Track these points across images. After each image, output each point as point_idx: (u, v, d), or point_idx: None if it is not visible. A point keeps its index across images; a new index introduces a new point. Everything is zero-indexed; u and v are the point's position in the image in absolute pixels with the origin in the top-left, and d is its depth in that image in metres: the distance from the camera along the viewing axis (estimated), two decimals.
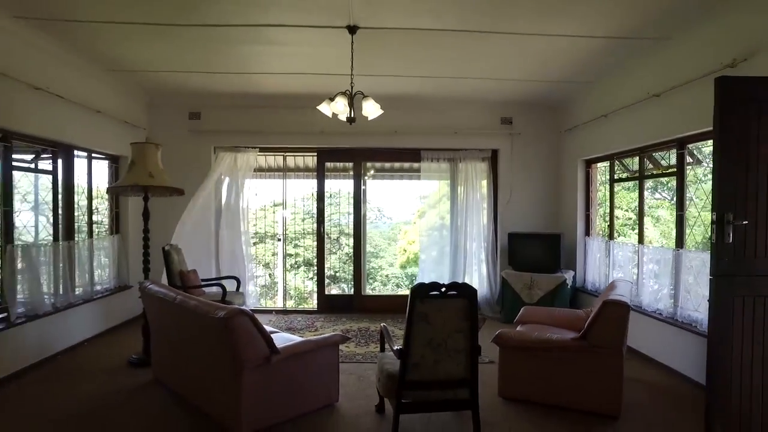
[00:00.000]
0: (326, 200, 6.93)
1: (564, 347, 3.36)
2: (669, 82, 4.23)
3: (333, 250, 7.33)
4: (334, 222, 7.12)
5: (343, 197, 6.99)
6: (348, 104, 4.08)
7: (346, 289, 7.10)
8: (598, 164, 5.97)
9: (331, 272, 7.34)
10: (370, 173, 7.10)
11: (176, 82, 5.67)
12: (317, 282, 6.91)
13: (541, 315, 4.23)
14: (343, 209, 7.01)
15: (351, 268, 6.93)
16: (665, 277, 4.48)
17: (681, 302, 4.28)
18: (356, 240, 6.85)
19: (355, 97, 4.11)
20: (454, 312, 2.79)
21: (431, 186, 6.94)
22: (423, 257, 6.81)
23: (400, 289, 8.84)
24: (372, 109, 4.13)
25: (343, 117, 4.14)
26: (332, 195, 7.02)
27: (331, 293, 7.08)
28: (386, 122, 5.31)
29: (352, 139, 6.33)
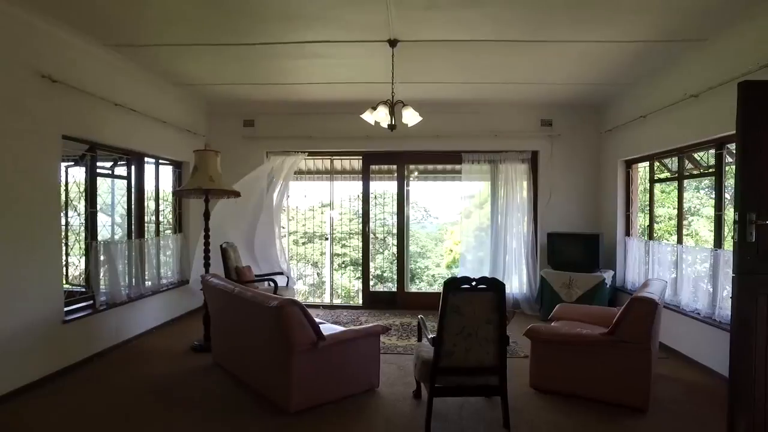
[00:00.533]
0: (373, 201, 7.27)
1: (592, 342, 3.51)
2: (706, 83, 4.26)
3: (380, 250, 7.62)
4: (381, 222, 7.41)
5: (390, 198, 7.30)
6: (389, 113, 4.38)
7: (393, 288, 7.39)
8: (639, 164, 5.98)
9: (378, 272, 7.63)
10: (414, 175, 7.38)
11: (232, 93, 6.19)
12: (362, 279, 7.26)
13: (576, 312, 4.36)
14: (390, 210, 7.31)
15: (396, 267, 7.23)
16: (703, 277, 4.50)
17: (719, 302, 4.29)
18: (399, 239, 7.16)
19: (396, 106, 4.41)
20: (484, 304, 3.03)
21: (473, 187, 7.10)
22: (465, 256, 7.01)
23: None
24: (411, 117, 4.41)
25: (385, 124, 4.45)
26: (377, 196, 7.34)
27: (376, 290, 7.41)
28: (428, 126, 5.58)
29: (396, 143, 6.57)
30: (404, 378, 4.08)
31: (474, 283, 3.02)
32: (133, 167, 5.44)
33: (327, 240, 7.64)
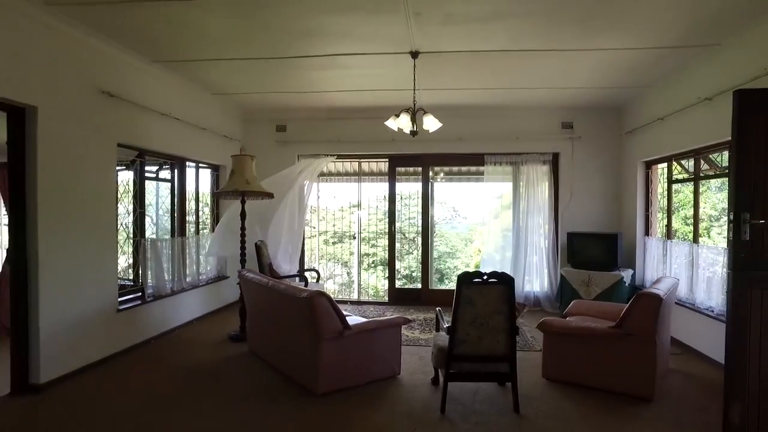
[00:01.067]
0: (402, 202, 7.61)
1: (600, 334, 3.72)
2: (719, 87, 4.38)
3: (410, 250, 7.84)
4: (411, 222, 7.66)
5: (418, 199, 7.54)
6: (411, 119, 4.69)
7: (418, 286, 7.62)
8: (658, 165, 6.09)
9: (408, 271, 7.87)
10: (440, 176, 7.68)
11: (265, 101, 6.61)
12: (388, 276, 7.58)
13: (589, 308, 4.56)
14: (418, 210, 7.54)
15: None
16: (717, 276, 4.62)
17: None
18: (424, 238, 7.45)
19: (417, 113, 4.71)
20: (494, 296, 3.30)
21: (500, 188, 7.33)
22: (493, 256, 7.26)
23: None
24: (432, 124, 4.71)
25: (407, 131, 4.75)
26: (403, 197, 7.64)
27: (401, 287, 7.71)
28: (451, 130, 5.85)
29: (421, 146, 6.80)
30: (424, 367, 4.37)
31: (485, 277, 3.29)
32: (176, 171, 5.92)
33: (354, 239, 7.99)
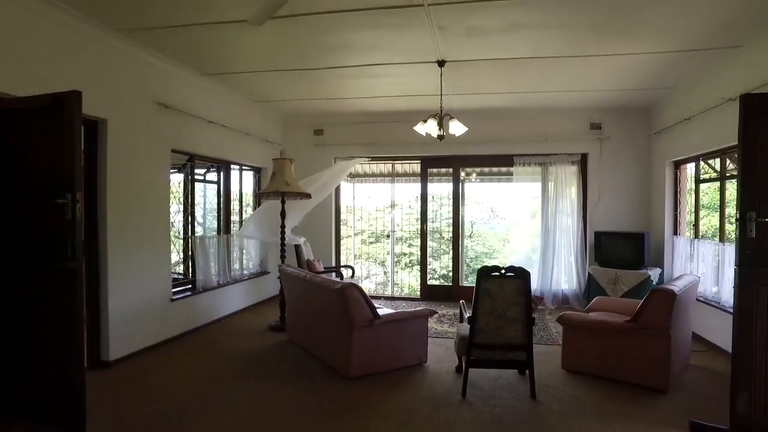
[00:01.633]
0: (440, 202, 7.91)
1: (616, 328, 3.91)
2: (742, 87, 4.44)
3: (446, 250, 8.04)
4: (447, 223, 7.87)
5: (452, 199, 7.79)
6: (438, 124, 4.98)
7: (449, 283, 7.89)
8: (686, 165, 6.13)
9: (444, 271, 8.09)
10: (473, 177, 7.94)
11: (304, 107, 7.04)
12: (420, 272, 7.88)
13: (611, 304, 4.71)
14: (451, 210, 7.79)
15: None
16: None
17: None
18: (455, 235, 7.72)
19: (444, 119, 4.99)
20: (512, 289, 3.56)
21: (530, 188, 7.47)
22: (522, 255, 7.44)
23: None
24: (457, 128, 4.99)
25: (435, 135, 5.05)
26: (439, 197, 7.91)
27: (433, 284, 8.01)
28: (480, 132, 6.09)
29: (451, 148, 6.91)
30: (450, 357, 4.65)
31: (503, 271, 3.55)
32: (222, 173, 6.41)
33: (388, 237, 8.33)
